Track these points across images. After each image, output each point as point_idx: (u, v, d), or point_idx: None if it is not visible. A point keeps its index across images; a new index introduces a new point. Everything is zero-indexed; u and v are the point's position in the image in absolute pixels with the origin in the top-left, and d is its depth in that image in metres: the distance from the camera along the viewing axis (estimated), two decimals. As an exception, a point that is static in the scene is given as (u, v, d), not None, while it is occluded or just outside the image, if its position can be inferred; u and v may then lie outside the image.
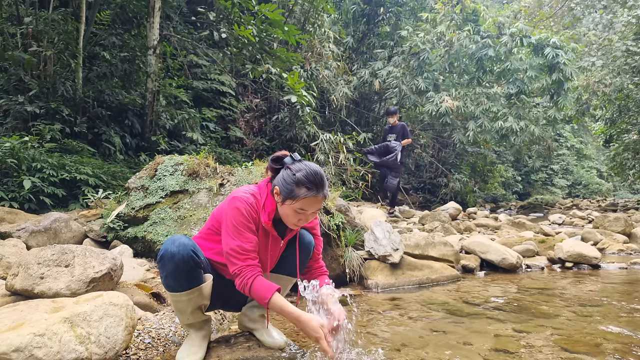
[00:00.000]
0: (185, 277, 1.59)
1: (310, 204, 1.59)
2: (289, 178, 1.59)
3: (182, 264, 1.55)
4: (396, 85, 10.86)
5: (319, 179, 1.59)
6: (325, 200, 1.64)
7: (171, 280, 1.59)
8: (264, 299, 1.56)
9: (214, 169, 3.59)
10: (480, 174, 14.86)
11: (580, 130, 26.56)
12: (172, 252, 1.54)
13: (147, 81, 6.36)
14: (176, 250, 1.54)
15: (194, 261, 1.58)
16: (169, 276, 1.59)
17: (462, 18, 11.47)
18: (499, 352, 1.96)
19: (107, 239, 3.41)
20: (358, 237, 3.63)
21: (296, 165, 1.62)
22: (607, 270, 4.17)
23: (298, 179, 1.57)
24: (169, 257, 1.55)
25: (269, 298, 1.55)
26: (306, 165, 1.62)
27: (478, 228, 6.94)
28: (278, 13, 6.54)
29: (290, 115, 8.81)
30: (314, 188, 1.57)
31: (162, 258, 1.57)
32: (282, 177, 1.62)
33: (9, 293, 1.89)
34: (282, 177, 1.62)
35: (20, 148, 4.37)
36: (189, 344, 1.71)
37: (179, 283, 1.60)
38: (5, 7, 5.94)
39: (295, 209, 1.60)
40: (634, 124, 12.92)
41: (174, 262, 1.55)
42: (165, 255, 1.55)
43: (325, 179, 1.63)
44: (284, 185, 1.60)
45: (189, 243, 1.58)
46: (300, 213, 1.61)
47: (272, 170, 1.70)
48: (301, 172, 1.58)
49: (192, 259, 1.57)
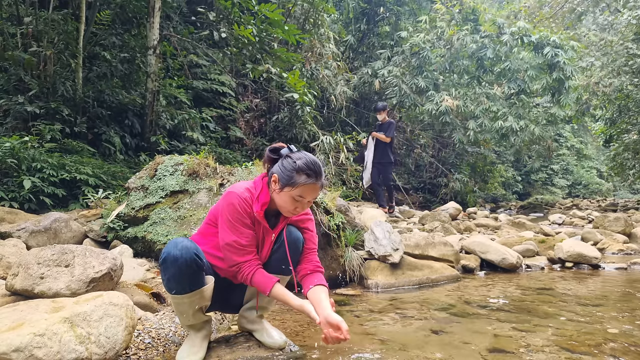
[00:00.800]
0: (187, 280, 1.59)
1: (309, 192, 1.63)
2: (289, 165, 1.63)
3: (185, 268, 1.56)
4: (396, 84, 10.86)
5: (317, 167, 1.64)
6: (322, 189, 1.68)
7: (173, 283, 1.60)
8: (264, 291, 1.65)
9: (214, 169, 3.59)
10: (480, 174, 14.86)
11: (580, 130, 26.55)
12: (175, 256, 1.54)
13: (147, 81, 6.36)
14: (179, 254, 1.54)
15: (196, 264, 1.58)
16: (171, 279, 1.59)
17: (461, 17, 11.47)
18: (498, 352, 1.96)
19: (107, 239, 3.41)
20: (358, 237, 3.63)
21: (296, 154, 1.68)
22: (607, 270, 4.17)
23: (299, 166, 1.61)
24: (172, 261, 1.55)
25: (268, 291, 1.63)
26: (305, 154, 1.67)
27: (478, 228, 6.94)
28: (278, 13, 6.55)
29: (290, 115, 8.81)
30: (313, 175, 1.62)
31: (164, 261, 1.57)
32: (282, 165, 1.66)
33: (9, 293, 1.89)
34: (281, 164, 1.66)
35: (20, 148, 4.37)
36: (189, 344, 1.71)
37: (181, 286, 1.60)
38: (5, 7, 5.94)
39: (294, 195, 1.62)
40: (634, 124, 12.92)
41: (177, 266, 1.55)
42: (168, 258, 1.55)
43: (323, 169, 1.68)
44: (283, 172, 1.64)
45: (192, 246, 1.58)
46: (298, 200, 1.63)
47: (269, 160, 1.73)
48: (301, 160, 1.63)
49: (195, 262, 1.57)
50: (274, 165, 1.70)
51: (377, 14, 12.08)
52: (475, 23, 11.36)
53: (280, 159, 1.68)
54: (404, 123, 12.73)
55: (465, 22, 11.41)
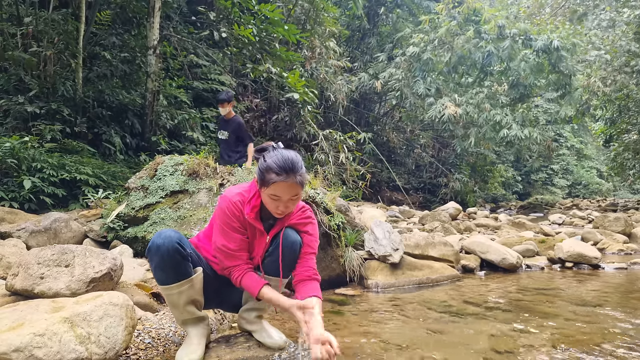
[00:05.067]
0: (172, 269, 1.60)
1: (282, 190, 1.57)
2: (262, 164, 1.61)
3: (166, 256, 1.57)
4: (399, 88, 10.85)
5: (289, 165, 1.56)
6: (301, 186, 1.60)
7: (159, 272, 1.62)
8: (253, 295, 1.67)
9: (214, 169, 3.59)
10: (480, 173, 14.88)
11: (580, 130, 26.56)
12: (158, 244, 1.56)
13: (147, 81, 6.37)
14: (161, 242, 1.56)
15: (179, 253, 1.59)
16: (157, 268, 1.61)
17: (463, 18, 11.46)
18: (498, 352, 1.96)
19: (107, 239, 3.41)
20: (358, 237, 3.63)
21: (271, 152, 1.63)
22: (607, 270, 4.17)
23: (268, 165, 1.58)
24: (155, 249, 1.57)
25: (256, 294, 1.65)
26: (280, 152, 1.61)
27: (478, 228, 6.94)
28: (278, 12, 6.55)
29: (290, 115, 8.82)
30: (282, 173, 1.55)
31: (149, 250, 1.59)
32: (258, 165, 1.65)
33: (9, 293, 1.89)
34: (258, 165, 1.65)
35: (21, 148, 4.37)
36: (187, 343, 1.71)
37: (166, 275, 1.61)
38: (5, 7, 5.94)
39: (269, 194, 1.60)
40: (634, 124, 12.93)
41: (160, 254, 1.57)
42: (152, 247, 1.58)
43: (299, 165, 1.60)
44: (258, 172, 1.64)
45: (175, 235, 1.59)
46: (275, 199, 1.60)
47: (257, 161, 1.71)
48: (272, 158, 1.59)
49: (178, 251, 1.58)
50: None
51: (377, 14, 12.08)
52: (477, 25, 11.35)
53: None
54: (404, 123, 12.74)
55: (467, 23, 11.40)
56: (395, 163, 13.23)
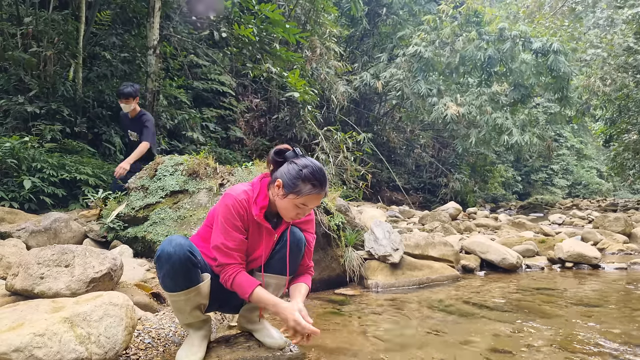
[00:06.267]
0: (182, 277, 1.59)
1: (313, 200, 1.62)
2: (295, 173, 1.60)
3: (178, 265, 1.56)
4: (400, 88, 10.85)
5: (323, 177, 1.62)
6: (325, 196, 1.69)
7: (168, 280, 1.60)
8: (245, 294, 1.64)
9: (214, 169, 3.59)
10: (480, 173, 14.89)
11: (580, 130, 26.57)
12: (169, 253, 1.55)
13: (147, 81, 6.36)
14: (173, 251, 1.55)
15: (190, 261, 1.58)
16: (166, 276, 1.59)
17: (464, 18, 11.46)
18: (498, 352, 1.96)
19: (107, 239, 3.41)
20: (358, 237, 3.63)
21: (301, 160, 1.63)
22: (607, 271, 4.17)
23: (305, 175, 1.59)
24: (166, 258, 1.55)
25: (249, 293, 1.63)
26: (311, 161, 1.63)
27: (478, 228, 6.94)
28: (278, 12, 6.55)
29: (290, 114, 8.81)
30: (318, 185, 1.60)
31: (159, 258, 1.57)
32: (287, 171, 1.62)
33: (9, 293, 1.89)
34: (287, 170, 1.63)
35: (21, 148, 4.37)
36: (188, 344, 1.71)
37: (175, 283, 1.60)
38: (5, 7, 5.94)
39: (297, 203, 1.61)
40: (634, 124, 12.93)
41: (171, 263, 1.55)
42: (162, 255, 1.56)
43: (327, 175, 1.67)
44: (289, 179, 1.61)
45: (186, 243, 1.58)
46: (301, 208, 1.63)
47: (274, 163, 1.69)
48: (308, 169, 1.60)
49: (189, 259, 1.57)
50: (277, 169, 1.67)
51: (378, 15, 12.07)
52: (478, 26, 11.35)
53: (286, 164, 1.65)
54: (404, 123, 12.74)
55: (468, 24, 11.40)
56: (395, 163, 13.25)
